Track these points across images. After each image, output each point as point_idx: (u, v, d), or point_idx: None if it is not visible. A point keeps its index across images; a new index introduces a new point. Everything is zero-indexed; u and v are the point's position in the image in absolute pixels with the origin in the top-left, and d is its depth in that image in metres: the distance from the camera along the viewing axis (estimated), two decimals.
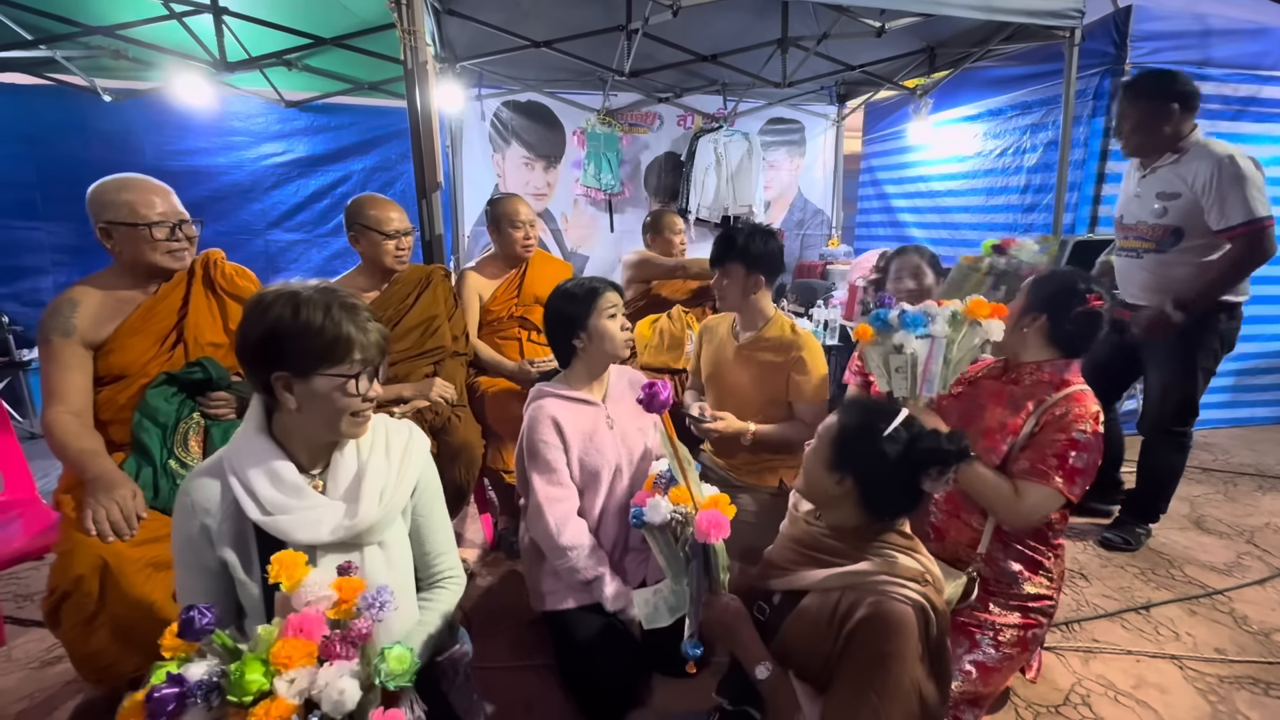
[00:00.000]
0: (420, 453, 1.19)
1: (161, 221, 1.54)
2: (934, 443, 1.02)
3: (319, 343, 1.00)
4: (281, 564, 0.86)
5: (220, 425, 1.62)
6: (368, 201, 2.02)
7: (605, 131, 4.78)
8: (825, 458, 1.09)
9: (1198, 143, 2.07)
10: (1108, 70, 3.14)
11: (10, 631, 1.81)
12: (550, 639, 1.66)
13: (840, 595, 1.02)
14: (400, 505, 1.13)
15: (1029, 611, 1.42)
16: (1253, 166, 1.98)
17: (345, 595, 0.84)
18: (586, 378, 1.64)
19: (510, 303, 2.47)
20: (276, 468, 1.03)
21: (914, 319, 1.39)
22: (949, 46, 3.92)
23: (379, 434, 1.15)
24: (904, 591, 0.99)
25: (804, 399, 1.85)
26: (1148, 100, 2.10)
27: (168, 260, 1.57)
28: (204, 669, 0.76)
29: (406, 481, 1.14)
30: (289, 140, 4.40)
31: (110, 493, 1.35)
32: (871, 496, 1.06)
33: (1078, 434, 1.32)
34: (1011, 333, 1.44)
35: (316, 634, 0.79)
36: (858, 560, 1.05)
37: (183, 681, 0.73)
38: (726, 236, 1.90)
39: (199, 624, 0.77)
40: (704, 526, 1.05)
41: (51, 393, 1.49)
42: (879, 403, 1.18)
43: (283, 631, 0.79)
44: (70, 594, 1.35)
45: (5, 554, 1.46)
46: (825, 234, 5.40)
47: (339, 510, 1.05)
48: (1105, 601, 2.05)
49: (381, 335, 1.07)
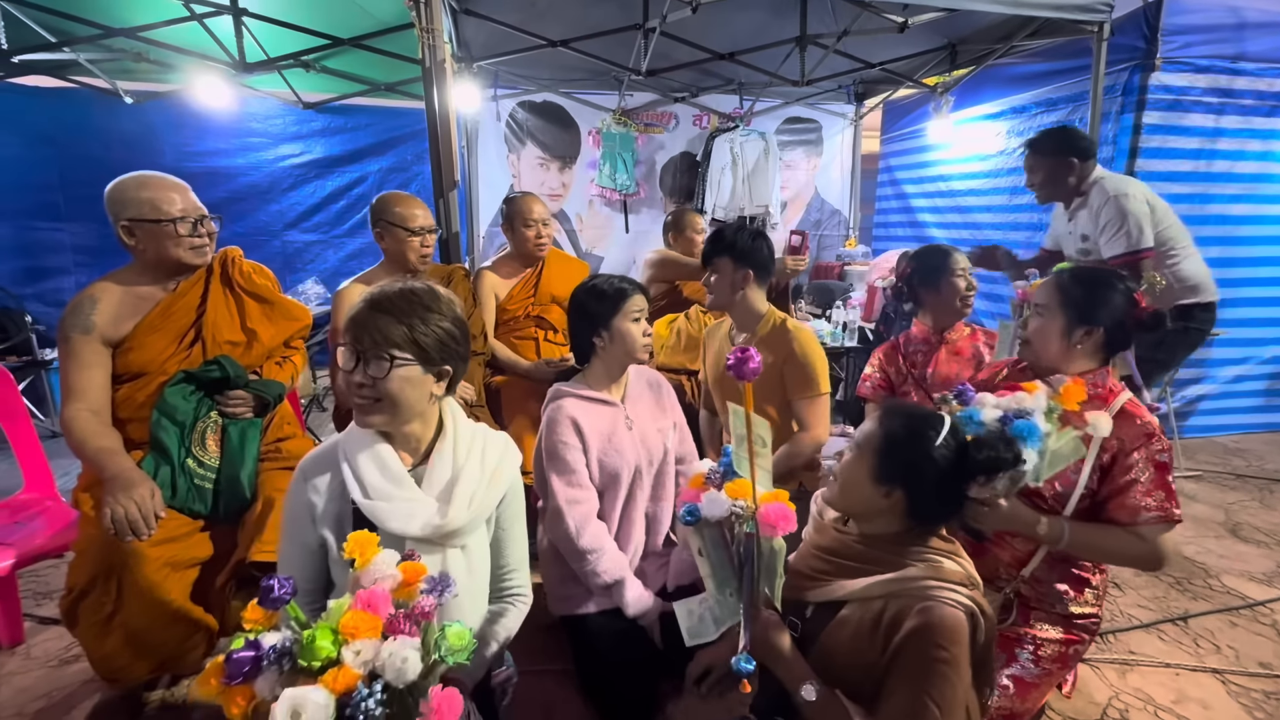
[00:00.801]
0: (512, 467, 1.21)
1: (184, 217, 1.54)
2: (991, 451, 0.99)
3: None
4: (356, 542, 0.89)
5: (238, 424, 1.60)
6: (393, 199, 2.01)
7: (621, 132, 4.76)
8: (871, 469, 1.03)
9: (1096, 182, 2.29)
10: (1138, 65, 3.06)
11: (29, 629, 1.81)
12: (569, 644, 1.62)
13: (885, 603, 0.98)
14: (486, 513, 1.16)
15: (1073, 628, 1.36)
16: (1139, 202, 2.20)
17: (409, 577, 0.88)
18: (605, 378, 1.61)
19: (526, 302, 2.45)
20: (384, 456, 1.08)
21: (1028, 429, 1.14)
22: (971, 43, 3.85)
23: (477, 443, 1.17)
24: (954, 596, 0.95)
25: (798, 393, 1.79)
26: (1051, 156, 2.31)
27: (190, 256, 1.56)
28: (278, 637, 0.79)
29: (495, 491, 1.16)
30: (306, 141, 4.43)
31: (129, 491, 1.34)
32: (919, 506, 1.02)
33: (1160, 455, 1.25)
34: (1062, 352, 1.35)
35: (382, 610, 0.82)
36: (898, 567, 1.00)
37: (259, 646, 0.77)
38: (716, 233, 1.88)
39: (277, 592, 0.81)
40: (769, 519, 0.96)
41: (70, 390, 1.48)
42: (922, 409, 1.10)
43: (352, 605, 0.83)
44: (88, 592, 1.35)
45: (26, 552, 1.45)
46: (842, 234, 5.34)
47: (431, 507, 1.08)
48: (1140, 612, 1.98)
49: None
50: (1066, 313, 1.34)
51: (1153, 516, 1.24)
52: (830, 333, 3.58)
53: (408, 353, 1.05)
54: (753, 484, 1.00)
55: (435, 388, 1.10)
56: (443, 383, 1.11)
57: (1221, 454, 3.35)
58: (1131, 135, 3.12)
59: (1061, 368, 1.37)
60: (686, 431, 1.80)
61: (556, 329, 2.49)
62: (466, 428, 1.19)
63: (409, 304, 1.06)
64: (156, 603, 1.35)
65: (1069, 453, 1.18)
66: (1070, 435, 1.19)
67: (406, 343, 1.04)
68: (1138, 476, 1.25)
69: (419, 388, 1.07)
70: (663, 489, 1.70)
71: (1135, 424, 1.27)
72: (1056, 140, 2.32)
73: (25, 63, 3.26)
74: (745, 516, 0.99)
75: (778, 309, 1.91)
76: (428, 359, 1.07)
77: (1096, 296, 1.33)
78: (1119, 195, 2.19)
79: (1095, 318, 1.32)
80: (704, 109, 4.88)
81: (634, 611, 1.48)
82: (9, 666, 1.69)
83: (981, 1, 2.70)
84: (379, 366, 1.03)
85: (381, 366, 1.03)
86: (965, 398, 1.23)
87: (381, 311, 1.05)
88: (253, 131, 4.35)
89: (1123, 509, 1.27)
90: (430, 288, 1.11)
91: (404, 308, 1.05)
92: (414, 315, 1.06)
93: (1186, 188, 3.20)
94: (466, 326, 1.15)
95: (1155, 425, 1.28)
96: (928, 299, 1.98)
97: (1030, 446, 1.12)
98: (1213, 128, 3.16)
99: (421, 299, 1.08)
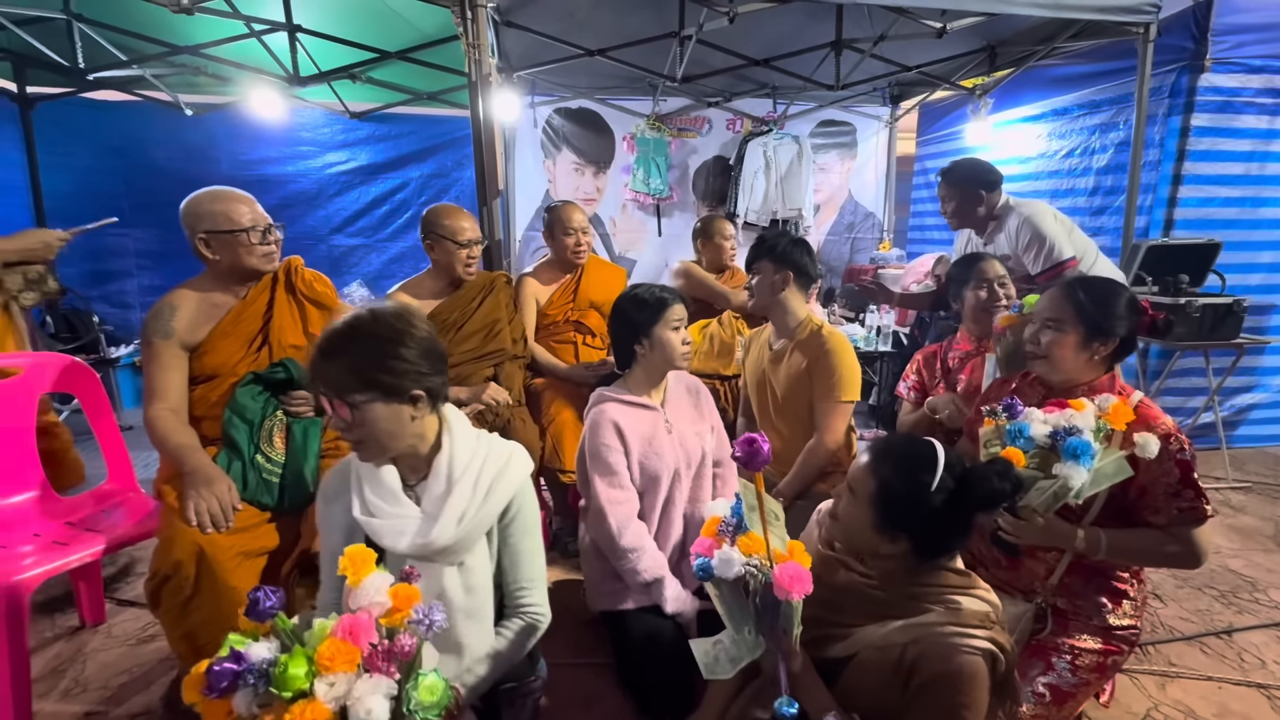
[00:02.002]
0: (517, 478, 1.17)
1: (254, 226, 1.66)
2: (987, 485, 0.98)
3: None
4: (351, 558, 0.88)
5: (300, 422, 1.71)
6: (444, 211, 2.10)
7: (654, 137, 4.82)
8: (870, 520, 1.03)
9: (1006, 207, 2.45)
10: (1186, 66, 2.99)
11: (109, 610, 1.96)
12: (609, 638, 1.69)
13: (903, 648, 0.98)
14: (481, 530, 1.12)
15: (1112, 638, 1.36)
16: (1050, 220, 2.36)
17: (399, 604, 0.85)
18: (645, 383, 1.67)
19: (566, 307, 2.53)
20: (383, 474, 1.09)
21: (1081, 447, 1.12)
22: (1012, 44, 3.80)
23: (476, 457, 1.13)
24: (972, 642, 0.96)
25: (820, 395, 1.82)
26: (960, 187, 2.46)
27: (261, 263, 1.68)
28: (265, 650, 0.78)
29: (493, 506, 1.12)
30: (352, 149, 4.60)
31: (210, 486, 1.45)
32: (927, 547, 1.02)
33: (1181, 454, 1.25)
34: (1081, 364, 1.36)
35: (364, 639, 0.80)
36: (915, 610, 1.01)
37: (241, 659, 0.76)
38: (759, 239, 1.95)
39: (263, 606, 0.80)
40: (785, 583, 0.94)
41: (153, 390, 1.61)
42: (913, 446, 1.05)
43: (334, 630, 0.80)
44: (170, 577, 1.46)
45: (114, 539, 1.58)
46: (876, 237, 5.30)
47: (420, 523, 1.07)
48: (1182, 624, 1.96)
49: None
50: (1083, 326, 1.35)
51: (1183, 516, 1.25)
52: (864, 337, 3.58)
53: (368, 393, 1.02)
54: (767, 548, 0.99)
55: (413, 412, 1.07)
56: (421, 405, 1.08)
57: (1273, 465, 3.25)
58: (1179, 138, 3.05)
59: (1074, 379, 1.39)
60: (724, 435, 1.85)
61: (595, 333, 2.56)
62: (466, 441, 1.15)
63: (357, 345, 1.03)
64: (230, 589, 1.46)
65: (1113, 472, 1.18)
66: (1115, 455, 1.19)
67: (363, 385, 1.02)
68: (1161, 477, 1.25)
69: (393, 420, 1.05)
70: (700, 490, 1.75)
71: (1149, 425, 1.27)
72: (965, 171, 2.48)
73: (98, 79, 3.47)
74: (759, 576, 0.98)
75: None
76: (392, 391, 1.04)
77: (1111, 307, 1.35)
78: (1032, 216, 2.35)
79: (1113, 329, 1.34)
80: (737, 113, 4.90)
81: (672, 609, 1.54)
82: (93, 644, 1.84)
83: (1021, 5, 2.68)
84: (344, 412, 1.02)
85: (346, 412, 1.02)
86: (1014, 410, 1.23)
87: (332, 358, 1.03)
88: (302, 140, 4.54)
89: (1152, 510, 1.27)
90: (377, 316, 1.06)
91: (353, 349, 1.03)
92: (363, 355, 1.03)
93: (1238, 191, 3.12)
94: (431, 342, 1.10)
95: (1171, 424, 1.28)
96: (960, 308, 2.02)
97: (1083, 465, 1.12)
98: (1266, 129, 3.07)
99: (370, 335, 1.04)
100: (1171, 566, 1.32)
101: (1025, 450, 1.17)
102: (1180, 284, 2.89)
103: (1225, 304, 2.82)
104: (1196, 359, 3.13)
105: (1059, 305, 1.38)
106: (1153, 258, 2.92)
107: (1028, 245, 2.35)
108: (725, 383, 2.55)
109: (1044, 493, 1.15)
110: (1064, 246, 2.32)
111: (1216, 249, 2.94)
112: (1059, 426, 1.16)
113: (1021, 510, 1.19)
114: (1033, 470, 1.16)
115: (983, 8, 2.69)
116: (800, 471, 1.84)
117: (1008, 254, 2.44)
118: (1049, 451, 1.16)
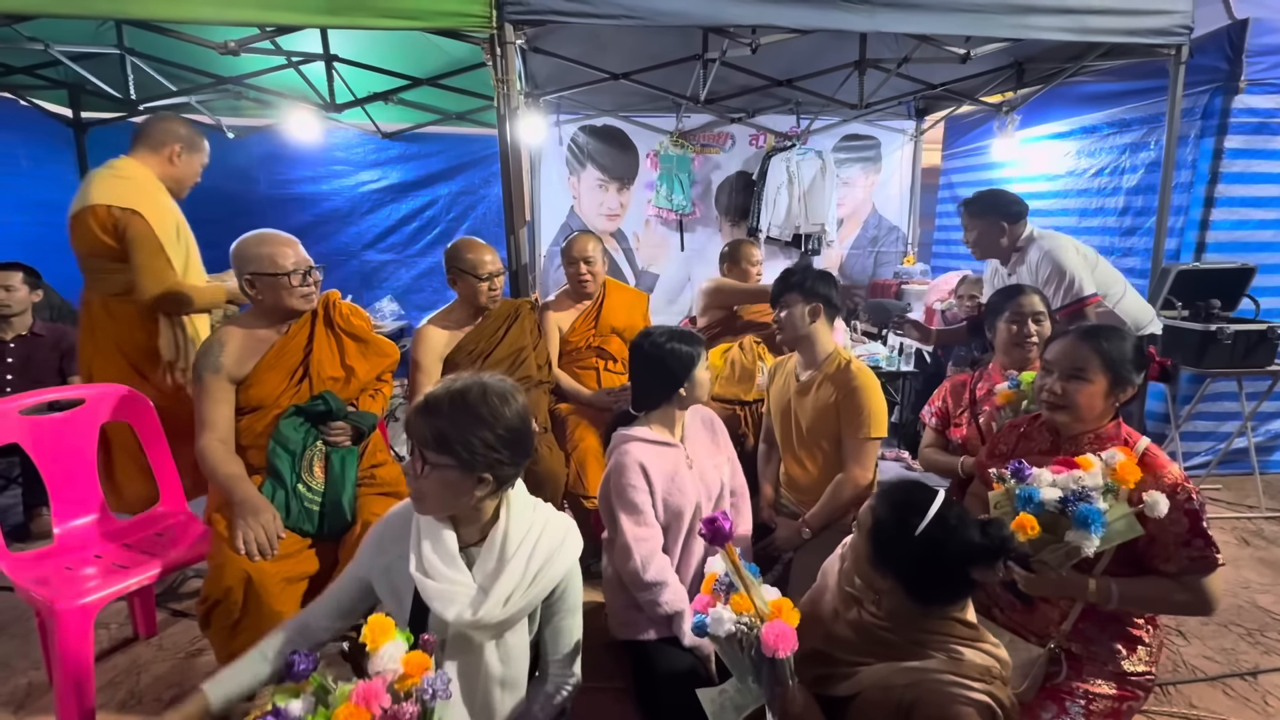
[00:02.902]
0: (567, 559, 1.19)
1: (295, 270, 1.75)
2: (970, 538, 1.01)
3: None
4: (372, 627, 0.95)
5: (339, 452, 1.80)
6: (465, 246, 2.19)
7: (678, 153, 4.87)
8: (866, 553, 1.08)
9: (1030, 239, 2.41)
10: (1219, 87, 2.95)
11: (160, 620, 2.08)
12: (629, 665, 1.75)
13: (902, 691, 1.01)
14: (526, 611, 1.15)
15: (1127, 684, 1.37)
16: (1071, 254, 2.33)
17: (410, 671, 0.92)
18: (667, 421, 1.72)
19: (588, 333, 2.59)
20: (444, 535, 1.12)
21: (1091, 515, 1.14)
22: (1039, 62, 3.77)
23: (530, 537, 1.15)
24: (970, 694, 0.98)
25: (848, 431, 1.86)
26: (982, 219, 2.44)
27: (300, 303, 1.77)
28: (299, 709, 0.87)
29: (540, 589, 1.15)
30: (384, 168, 4.74)
31: (256, 516, 1.55)
32: (916, 591, 1.06)
33: (1189, 503, 1.27)
34: (1103, 412, 1.38)
35: (375, 704, 0.87)
36: (919, 655, 1.04)
37: (280, 714, 0.87)
38: (786, 273, 1.99)
39: (298, 668, 0.91)
40: (771, 642, 1.02)
41: (203, 422, 1.72)
42: (914, 492, 1.09)
43: (351, 695, 0.88)
44: (220, 602, 1.56)
45: (167, 563, 1.69)
46: (901, 251, 5.28)
47: (470, 597, 1.10)
48: (1205, 664, 1.94)
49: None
50: (1109, 375, 1.37)
51: (1194, 565, 1.26)
52: (886, 356, 3.57)
53: (445, 458, 1.06)
54: (754, 605, 1.06)
55: (477, 490, 1.09)
56: (485, 487, 1.10)
57: None
58: (1212, 159, 3.00)
59: (1083, 427, 1.41)
60: (737, 464, 1.90)
61: (616, 359, 2.62)
62: (523, 520, 1.17)
63: (454, 413, 1.07)
64: (274, 613, 1.55)
65: (1123, 529, 1.19)
66: (1125, 514, 1.20)
67: (443, 448, 1.06)
68: (1170, 526, 1.26)
69: (456, 490, 1.08)
70: None
71: (1156, 475, 1.28)
72: (986, 202, 2.46)
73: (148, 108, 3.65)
74: (750, 634, 1.05)
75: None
76: (467, 465, 1.07)
77: (1128, 356, 1.37)
78: (1053, 250, 2.33)
79: (1132, 377, 1.36)
80: (760, 129, 4.93)
81: (690, 641, 1.59)
82: (145, 656, 1.96)
83: (1045, 31, 2.67)
84: (419, 465, 1.08)
85: (420, 465, 1.07)
86: (1022, 475, 1.25)
87: (427, 416, 1.08)
88: (336, 160, 4.69)
89: (1162, 559, 1.28)
90: (485, 391, 1.10)
91: (448, 415, 1.07)
92: (453, 425, 1.06)
93: (1273, 214, 3.05)
94: (520, 435, 1.12)
95: (1178, 473, 1.29)
96: (993, 338, 2.04)
97: (1094, 533, 1.14)
98: None
99: (470, 406, 1.08)
100: (1183, 614, 1.33)
101: (1036, 514, 1.19)
102: (1212, 309, 2.84)
103: (1259, 330, 2.77)
104: (1229, 383, 3.07)
105: (1083, 355, 1.38)
106: (1183, 282, 2.88)
107: (1048, 279, 2.33)
108: (745, 408, 2.59)
109: (1056, 552, 1.18)
110: (1085, 282, 2.30)
111: (1250, 274, 2.89)
112: (1068, 490, 1.18)
113: (1035, 564, 1.22)
114: (1045, 536, 1.18)
115: (1006, 33, 2.69)
116: (828, 504, 1.88)
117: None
118: (1060, 514, 1.18)
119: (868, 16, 2.53)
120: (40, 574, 1.64)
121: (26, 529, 2.64)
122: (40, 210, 4.13)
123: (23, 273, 2.71)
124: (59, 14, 2.23)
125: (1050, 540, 1.18)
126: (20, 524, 2.67)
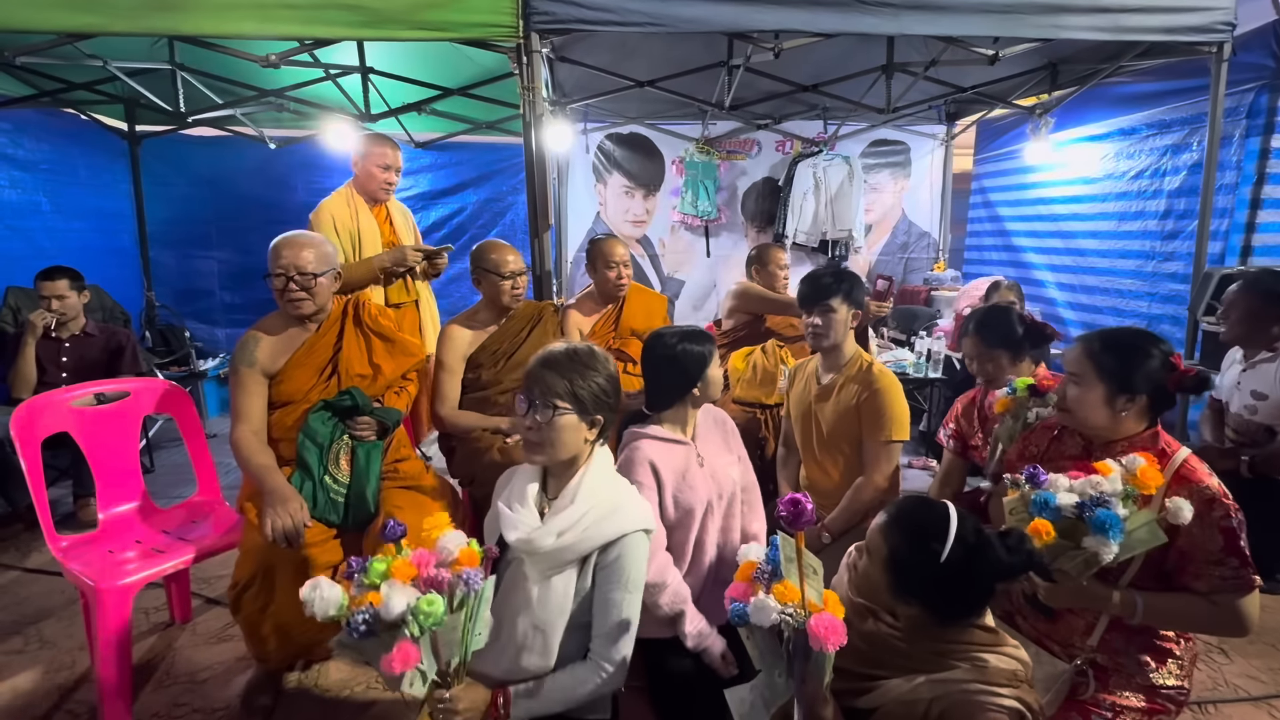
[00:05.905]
0: (626, 523, 1.23)
1: (281, 274, 1.74)
2: (995, 557, 0.99)
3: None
4: (431, 521, 1.11)
5: (364, 445, 1.86)
6: (489, 247, 2.24)
7: (703, 160, 4.90)
8: (885, 583, 1.06)
9: None
10: (1265, 85, 2.84)
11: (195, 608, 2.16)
12: (642, 663, 1.75)
13: (929, 704, 1.00)
14: (574, 552, 1.20)
15: (1157, 697, 1.31)
16: None
17: (463, 559, 1.07)
18: (679, 420, 1.72)
19: (608, 336, 2.62)
20: (527, 483, 1.29)
21: (1110, 520, 1.10)
22: (1074, 62, 3.69)
23: (605, 489, 1.27)
24: (999, 700, 0.96)
25: (869, 434, 1.83)
26: (1262, 297, 2.13)
27: (288, 307, 1.78)
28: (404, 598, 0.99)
29: (592, 536, 1.21)
30: (415, 176, 4.87)
31: (285, 505, 1.61)
32: (942, 612, 1.04)
33: (1225, 520, 1.21)
34: (1108, 420, 1.33)
35: (424, 568, 1.04)
36: (942, 665, 1.02)
37: (353, 565, 1.05)
38: (825, 279, 1.95)
39: (389, 528, 1.06)
40: (820, 632, 0.95)
41: (238, 413, 1.79)
42: (926, 513, 1.06)
43: (410, 556, 1.06)
44: (249, 587, 1.63)
45: (201, 549, 1.77)
46: (931, 257, 5.19)
47: (531, 525, 1.23)
48: (1248, 683, 1.85)
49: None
50: (1105, 382, 1.32)
51: (1226, 584, 1.21)
52: (913, 363, 3.51)
53: (568, 403, 1.22)
54: (803, 599, 1.00)
55: (589, 433, 1.27)
56: (595, 429, 1.27)
57: None
58: (1258, 160, 2.89)
59: (1109, 434, 1.35)
60: (748, 464, 1.89)
61: (636, 361, 2.63)
62: (603, 474, 1.29)
63: (571, 362, 1.25)
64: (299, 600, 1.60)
65: (1145, 538, 1.15)
66: (1146, 520, 1.15)
67: (567, 395, 1.22)
68: (1205, 544, 1.21)
69: (575, 433, 1.24)
70: (732, 519, 1.79)
71: (1192, 488, 1.22)
72: (1270, 284, 2.14)
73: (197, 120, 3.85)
74: (795, 625, 0.99)
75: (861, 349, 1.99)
76: (584, 409, 1.24)
77: (1132, 364, 1.30)
78: None
79: (1135, 385, 1.30)
80: (787, 135, 4.92)
81: (693, 645, 1.57)
82: (180, 640, 2.04)
83: (1080, 30, 2.61)
84: (545, 414, 1.21)
85: (546, 414, 1.21)
86: (1037, 480, 1.21)
87: (549, 368, 1.24)
88: None
89: (1193, 576, 1.23)
90: (590, 349, 1.31)
91: (567, 365, 1.24)
92: (575, 372, 1.24)
93: None
94: (619, 383, 1.31)
95: (1217, 487, 1.23)
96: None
97: (1112, 539, 1.10)
98: None
99: (582, 359, 1.27)
100: (1214, 634, 1.27)
101: (1053, 520, 1.15)
102: None
103: None
104: None
105: (1080, 359, 1.36)
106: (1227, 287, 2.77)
107: None
108: (766, 411, 2.58)
109: (1075, 560, 1.14)
110: None
111: None
112: (1085, 496, 1.14)
113: (1055, 573, 1.18)
114: (1062, 542, 1.14)
115: (1037, 34, 2.64)
116: (847, 508, 1.86)
117: (1264, 392, 2.14)
118: (1077, 520, 1.15)
119: (892, 19, 2.52)
120: (85, 557, 1.73)
121: (74, 518, 2.78)
122: (97, 218, 4.38)
123: (67, 279, 2.86)
124: (116, 32, 2.36)
125: (1068, 547, 1.14)
126: (69, 514, 2.81)
